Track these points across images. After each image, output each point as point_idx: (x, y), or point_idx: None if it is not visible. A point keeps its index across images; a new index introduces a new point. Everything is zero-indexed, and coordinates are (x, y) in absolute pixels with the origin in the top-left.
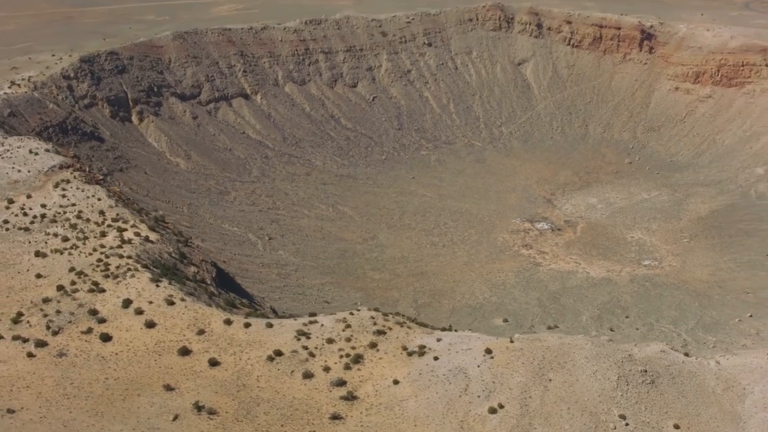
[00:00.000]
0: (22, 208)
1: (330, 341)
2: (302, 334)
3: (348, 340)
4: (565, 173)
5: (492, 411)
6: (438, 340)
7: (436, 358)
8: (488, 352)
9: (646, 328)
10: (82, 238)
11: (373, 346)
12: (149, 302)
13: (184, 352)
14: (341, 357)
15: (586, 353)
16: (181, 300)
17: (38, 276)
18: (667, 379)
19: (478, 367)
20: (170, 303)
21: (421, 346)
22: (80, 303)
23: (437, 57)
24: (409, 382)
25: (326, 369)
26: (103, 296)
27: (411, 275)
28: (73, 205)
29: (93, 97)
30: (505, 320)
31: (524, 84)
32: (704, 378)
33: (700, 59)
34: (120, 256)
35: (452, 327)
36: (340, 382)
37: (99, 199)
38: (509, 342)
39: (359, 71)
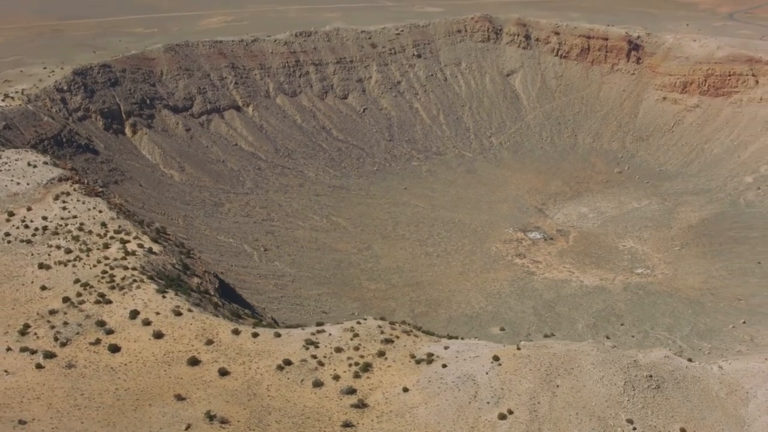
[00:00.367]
0: (23, 221)
1: (338, 350)
2: (310, 344)
3: (356, 349)
4: (555, 183)
5: (502, 417)
6: (445, 348)
7: (444, 366)
8: (496, 359)
9: (641, 335)
10: (85, 250)
11: (381, 354)
12: (156, 313)
13: (193, 362)
14: (350, 365)
15: (592, 359)
16: (188, 311)
17: (43, 288)
18: (672, 384)
19: (487, 374)
20: (177, 314)
21: (429, 354)
22: (87, 314)
23: (427, 68)
24: (419, 390)
25: (336, 377)
26: (109, 307)
27: (407, 285)
28: (75, 217)
29: (86, 110)
30: (502, 329)
31: (513, 95)
32: (708, 382)
33: (687, 69)
34: (125, 268)
35: (460, 336)
36: (350, 391)
37: (100, 211)
38: (516, 349)
39: (349, 83)
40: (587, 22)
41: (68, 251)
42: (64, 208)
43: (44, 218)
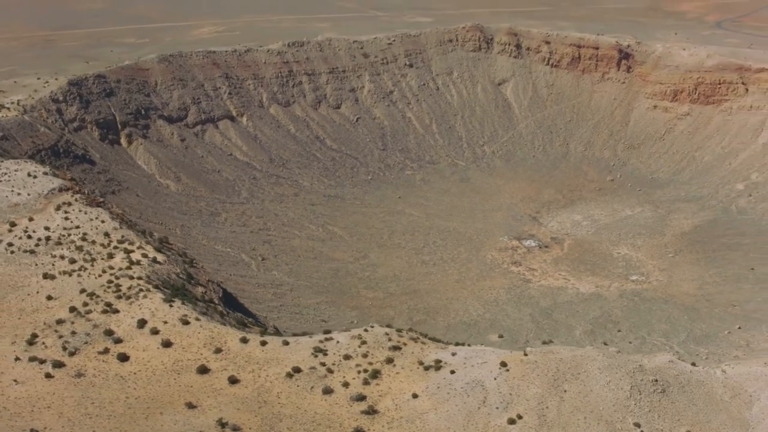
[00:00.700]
0: (26, 231)
1: (347, 357)
2: (319, 351)
3: (365, 356)
4: (548, 191)
5: (511, 422)
6: (453, 355)
7: (452, 372)
8: (503, 365)
9: (638, 341)
10: (89, 260)
11: (389, 361)
12: (164, 322)
13: (202, 370)
14: (359, 372)
15: (598, 364)
16: (196, 319)
17: (49, 298)
18: (677, 388)
19: (495, 379)
20: (185, 323)
21: (437, 361)
22: (95, 324)
23: (419, 78)
24: (428, 396)
25: (345, 384)
26: (117, 317)
27: (404, 293)
28: (77, 227)
29: (82, 120)
30: (500, 336)
31: (505, 104)
32: (712, 386)
33: (677, 78)
34: (130, 277)
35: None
36: (360, 397)
37: (102, 221)
38: (523, 355)
39: (342, 92)
40: (577, 31)
41: (72, 261)
42: (67, 218)
43: (47, 228)
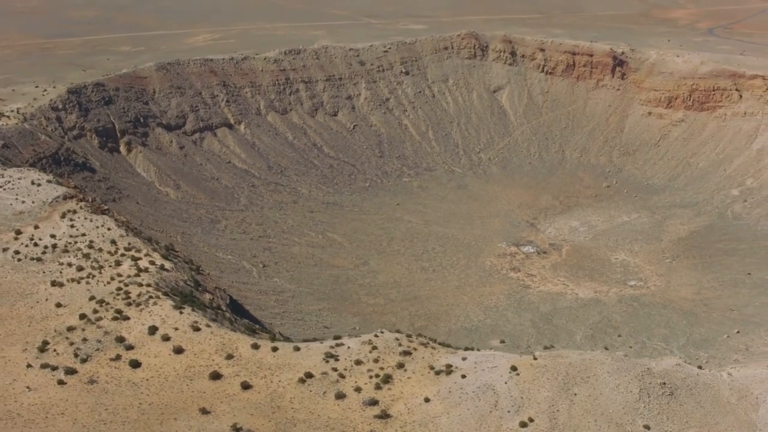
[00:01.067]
0: (32, 239)
1: (358, 362)
2: (330, 357)
3: (376, 361)
4: (545, 198)
5: (523, 425)
6: (463, 359)
7: (463, 376)
8: (514, 369)
9: (639, 346)
10: (97, 267)
11: (400, 366)
12: (175, 329)
13: (215, 376)
14: (371, 377)
15: (607, 368)
16: (207, 326)
17: (58, 305)
18: (685, 390)
19: (506, 383)
20: (196, 329)
21: (448, 365)
22: (106, 330)
23: (414, 85)
24: (440, 400)
25: (357, 389)
26: (128, 324)
27: (405, 300)
28: (83, 234)
29: (81, 128)
30: (502, 341)
31: (500, 111)
32: (719, 389)
33: (672, 84)
34: (139, 285)
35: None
36: (373, 402)
37: (108, 229)
38: (533, 359)
39: (339, 100)
40: (570, 38)
41: (80, 268)
42: (72, 226)
43: (52, 236)
